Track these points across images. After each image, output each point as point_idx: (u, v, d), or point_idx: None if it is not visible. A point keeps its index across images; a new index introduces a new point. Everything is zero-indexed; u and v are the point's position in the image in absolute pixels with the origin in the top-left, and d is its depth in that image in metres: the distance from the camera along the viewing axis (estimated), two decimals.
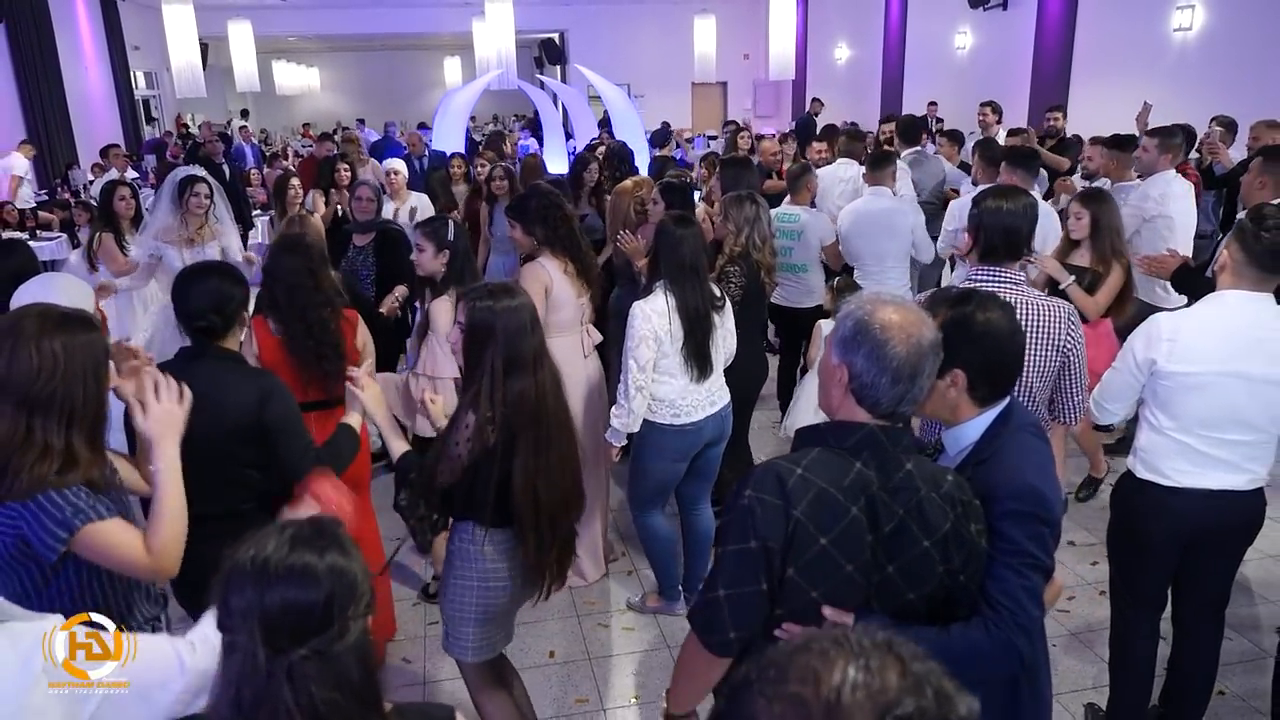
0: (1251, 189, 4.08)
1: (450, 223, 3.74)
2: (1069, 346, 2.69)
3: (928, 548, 1.59)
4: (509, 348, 2.34)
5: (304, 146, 17.29)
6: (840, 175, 6.30)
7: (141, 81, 18.99)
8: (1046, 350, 2.68)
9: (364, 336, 3.43)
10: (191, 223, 4.96)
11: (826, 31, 19.01)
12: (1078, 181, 6.21)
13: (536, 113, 17.14)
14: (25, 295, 2.95)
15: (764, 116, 21.25)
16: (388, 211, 5.79)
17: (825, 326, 4.19)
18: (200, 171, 5.16)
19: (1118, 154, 5.36)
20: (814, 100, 15.45)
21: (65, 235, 9.06)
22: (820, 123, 13.18)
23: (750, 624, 1.60)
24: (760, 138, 9.10)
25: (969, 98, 12.11)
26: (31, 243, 9.04)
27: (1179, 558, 2.74)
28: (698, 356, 3.42)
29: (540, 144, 12.19)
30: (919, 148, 6.95)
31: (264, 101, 23.78)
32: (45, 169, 12.85)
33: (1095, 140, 6.02)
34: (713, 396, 3.55)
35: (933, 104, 8.54)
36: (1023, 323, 2.35)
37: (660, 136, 10.38)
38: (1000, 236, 2.81)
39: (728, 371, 3.67)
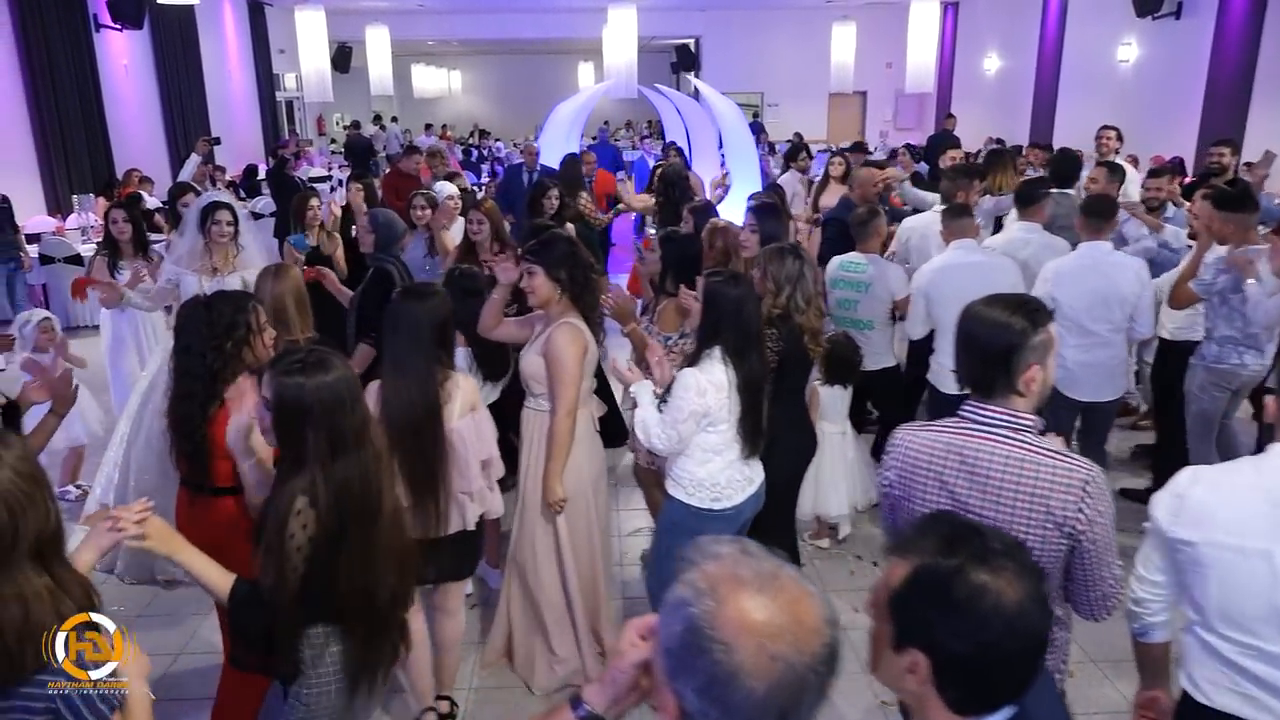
0: None
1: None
2: (1078, 528, 1.89)
3: None
4: (329, 426, 2.04)
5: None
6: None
7: (291, 84, 19.72)
8: (1044, 525, 1.90)
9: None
10: (215, 252, 4.75)
11: (976, 40, 17.76)
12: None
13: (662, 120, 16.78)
14: None
15: (905, 129, 20.11)
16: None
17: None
18: (225, 197, 4.94)
19: (1235, 216, 4.11)
20: (947, 115, 14.31)
21: (170, 238, 9.22)
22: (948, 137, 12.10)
23: None
24: (868, 163, 8.03)
25: (1130, 116, 10.84)
26: None
27: None
28: (753, 434, 3.03)
29: (689, 153, 11.59)
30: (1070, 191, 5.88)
31: (404, 104, 24.37)
32: (178, 170, 13.35)
33: (1205, 194, 4.49)
34: (751, 475, 3.13)
35: (1109, 129, 6.74)
36: (1015, 481, 1.89)
37: (793, 152, 9.62)
38: (979, 357, 1.99)
39: (769, 447, 3.18)
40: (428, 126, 21.46)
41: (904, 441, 2.08)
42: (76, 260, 8.56)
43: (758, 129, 18.36)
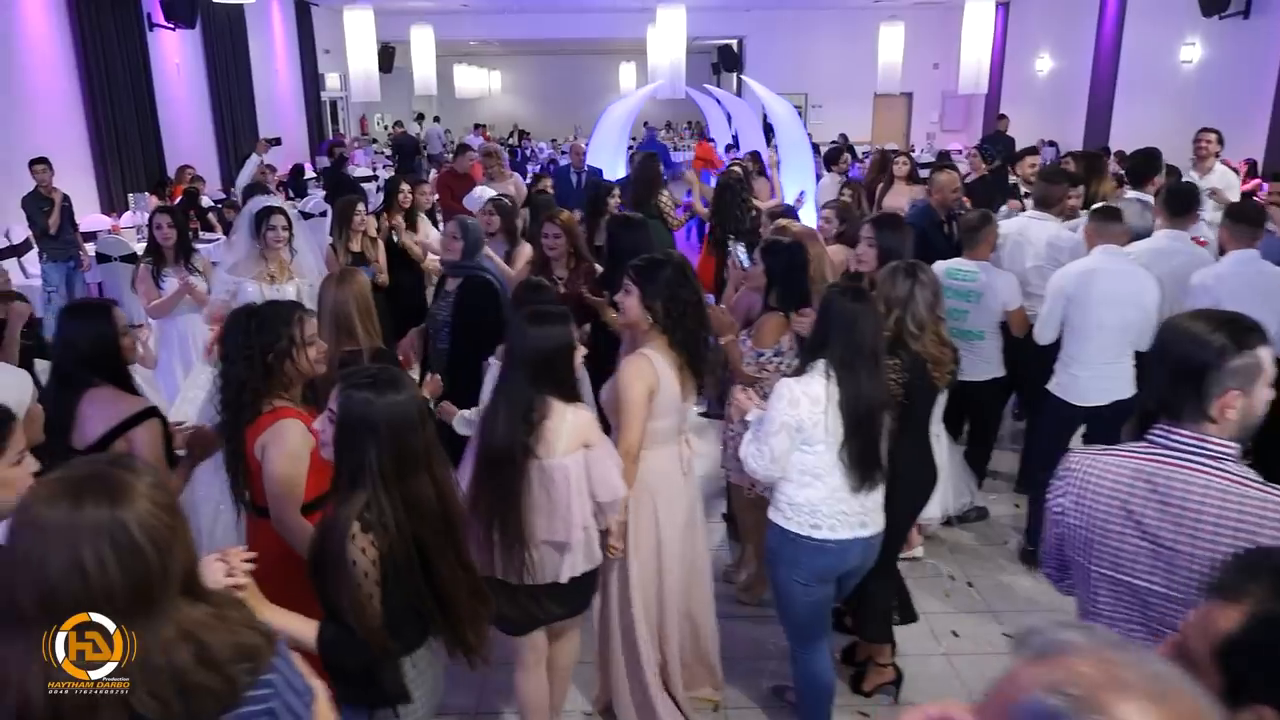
0: None
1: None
2: None
3: None
4: (396, 446, 1.99)
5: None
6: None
7: (336, 83, 19.77)
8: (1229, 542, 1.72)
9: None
10: (271, 257, 4.62)
11: (1027, 40, 17.40)
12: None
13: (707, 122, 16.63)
14: None
15: (952, 130, 19.80)
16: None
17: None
18: (278, 202, 4.79)
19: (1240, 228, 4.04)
20: (999, 116, 13.98)
21: (225, 238, 9.21)
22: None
23: None
24: (945, 164, 7.71)
25: (1193, 118, 10.50)
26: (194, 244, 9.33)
27: None
28: (862, 463, 2.75)
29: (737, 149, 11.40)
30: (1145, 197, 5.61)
31: (444, 104, 24.37)
32: (228, 169, 13.39)
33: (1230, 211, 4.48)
34: (865, 517, 2.85)
35: (1209, 132, 6.34)
36: (1216, 513, 1.72)
37: (834, 154, 9.41)
38: (1169, 374, 1.83)
39: (891, 480, 2.92)
40: (477, 126, 21.45)
41: (1082, 466, 1.92)
42: (132, 258, 8.54)
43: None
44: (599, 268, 4.50)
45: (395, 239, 5.89)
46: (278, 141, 12.75)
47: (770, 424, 2.73)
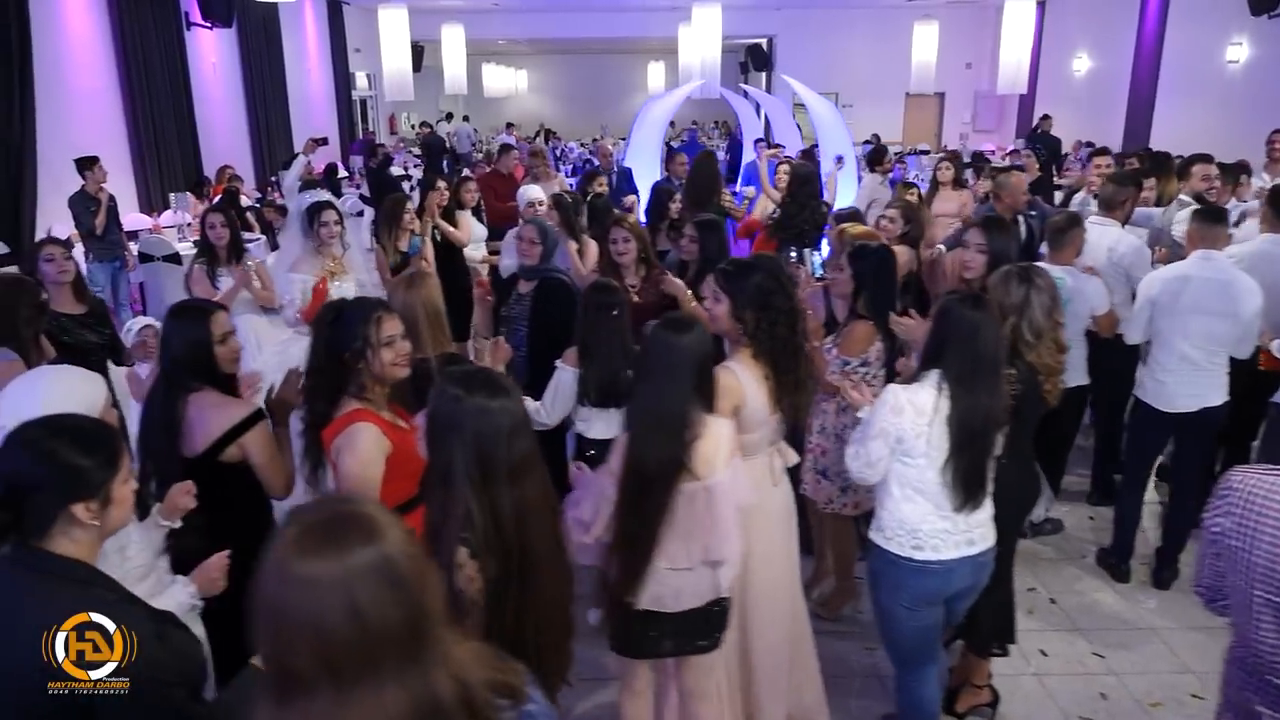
0: None
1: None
2: None
3: None
4: (479, 453, 1.85)
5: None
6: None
7: (363, 82, 19.77)
8: None
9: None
10: (326, 253, 4.52)
11: (1064, 40, 17.17)
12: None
13: (738, 122, 16.49)
14: (6, 404, 2.13)
15: (984, 131, 19.59)
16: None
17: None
18: (327, 196, 4.64)
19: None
20: (1044, 116, 13.76)
21: (265, 237, 9.18)
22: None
23: None
24: (1008, 165, 7.51)
25: (1239, 119, 10.34)
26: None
27: None
28: (967, 483, 2.61)
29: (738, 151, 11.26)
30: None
31: (472, 103, 24.36)
32: (263, 169, 13.38)
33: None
34: (971, 534, 2.70)
35: None
36: None
37: (878, 154, 9.27)
38: None
39: (996, 493, 2.77)
40: (509, 125, 21.40)
41: (1245, 485, 1.82)
42: (175, 259, 8.52)
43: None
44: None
45: (437, 234, 5.84)
46: (324, 141, 12.72)
47: (871, 427, 2.63)
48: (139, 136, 10.51)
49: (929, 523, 2.65)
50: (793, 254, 5.61)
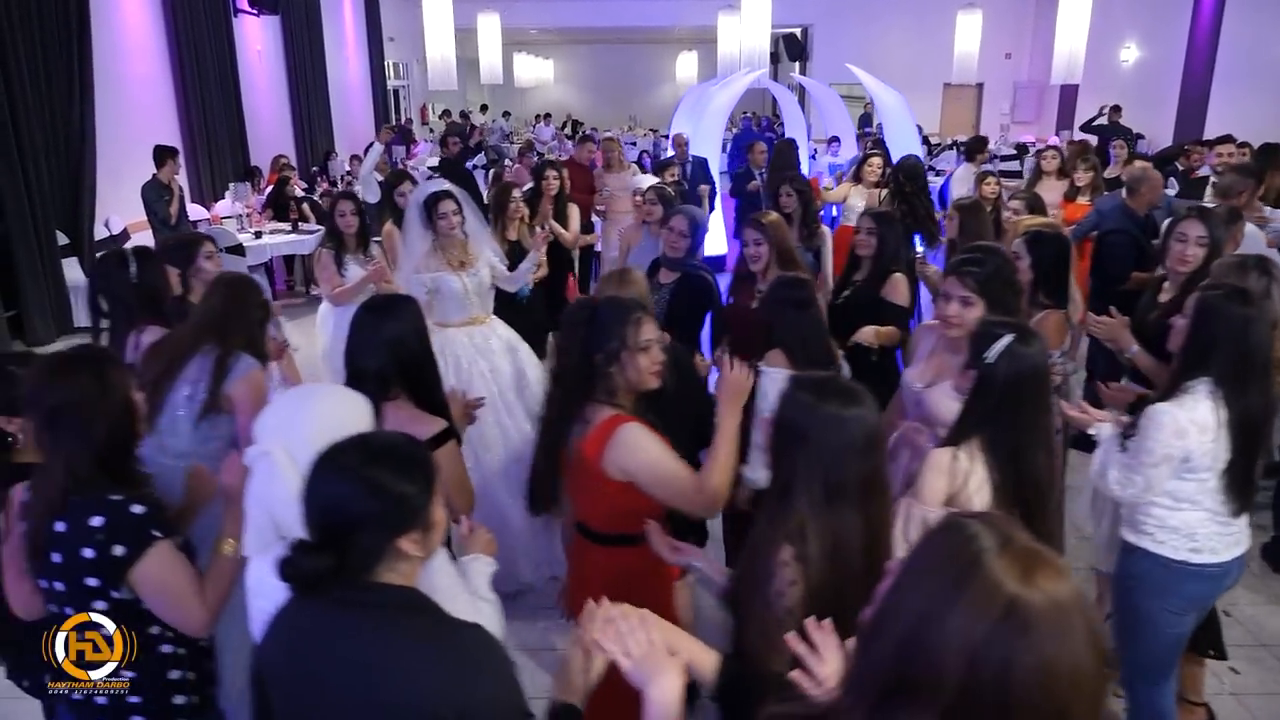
0: None
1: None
2: None
3: None
4: (828, 465, 1.70)
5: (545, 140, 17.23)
6: None
7: (393, 72, 19.56)
8: None
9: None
10: (450, 246, 4.22)
11: (1113, 29, 16.88)
12: None
13: (777, 112, 16.29)
14: (270, 421, 1.85)
15: (1023, 122, 19.37)
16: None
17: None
18: (446, 185, 4.36)
19: None
20: (1113, 107, 13.45)
21: (325, 228, 8.99)
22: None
23: None
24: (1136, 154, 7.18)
25: None
26: (292, 235, 9.13)
27: None
28: (1243, 485, 2.50)
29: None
30: None
31: (501, 93, 24.13)
32: (306, 158, 13.20)
33: None
34: (1240, 534, 2.62)
35: None
36: None
37: (977, 145, 8.97)
38: None
39: None
40: (546, 117, 21.19)
41: None
42: (238, 250, 8.36)
43: (866, 120, 17.73)
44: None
45: (543, 227, 5.66)
46: (396, 129, 12.57)
47: (1149, 455, 2.45)
48: (190, 125, 10.35)
49: (1205, 526, 2.56)
50: (918, 249, 5.40)
